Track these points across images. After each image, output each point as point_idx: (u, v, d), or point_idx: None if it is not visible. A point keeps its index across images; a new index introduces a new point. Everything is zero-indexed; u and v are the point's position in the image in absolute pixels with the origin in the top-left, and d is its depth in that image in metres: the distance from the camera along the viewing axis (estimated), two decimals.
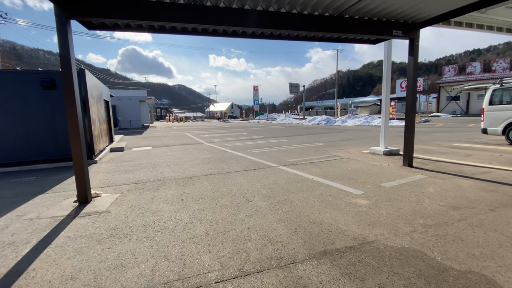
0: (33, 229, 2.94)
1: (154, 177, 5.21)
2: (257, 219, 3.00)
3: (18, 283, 1.99)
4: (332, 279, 1.90)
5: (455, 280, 1.86)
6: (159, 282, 1.92)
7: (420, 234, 2.55)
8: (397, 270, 1.98)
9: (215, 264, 2.13)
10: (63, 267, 2.16)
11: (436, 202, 3.39)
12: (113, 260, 2.23)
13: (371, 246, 2.34)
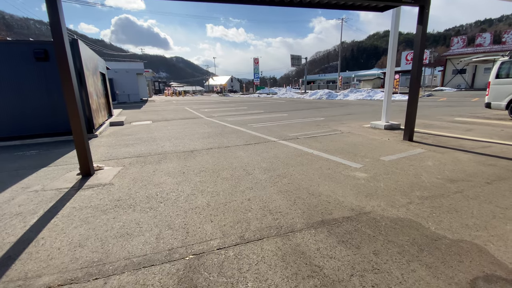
0: (39, 201, 3.02)
1: (155, 151, 5.24)
2: (257, 191, 3.06)
3: (28, 250, 2.08)
4: (329, 246, 1.98)
5: (447, 248, 1.94)
6: (163, 249, 2.01)
7: (416, 206, 2.61)
8: (391, 239, 2.06)
9: (217, 232, 2.22)
10: (71, 236, 2.25)
11: (434, 175, 3.44)
12: (119, 229, 2.31)
13: (367, 217, 2.41)
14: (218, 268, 1.78)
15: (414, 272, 1.70)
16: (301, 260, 1.84)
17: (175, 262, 1.86)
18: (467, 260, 1.80)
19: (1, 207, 2.88)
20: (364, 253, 1.90)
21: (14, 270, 1.84)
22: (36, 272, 1.80)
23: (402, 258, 1.84)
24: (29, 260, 1.94)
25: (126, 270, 1.79)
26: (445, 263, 1.77)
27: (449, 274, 1.67)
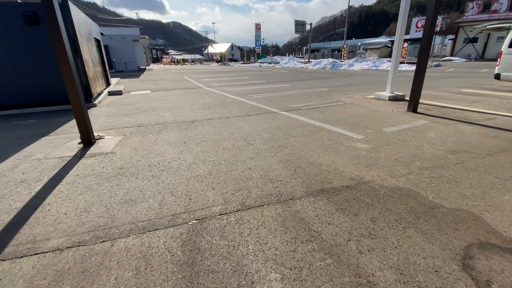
0: (43, 168, 3.06)
1: (155, 120, 5.19)
2: (258, 160, 3.08)
3: (35, 215, 2.14)
4: (328, 213, 2.03)
5: (443, 216, 1.99)
6: (167, 214, 2.07)
7: (416, 176, 2.63)
8: (389, 207, 2.11)
9: (218, 199, 2.27)
10: (76, 202, 2.31)
11: (436, 147, 3.42)
12: (123, 196, 2.37)
13: (366, 186, 2.44)
14: (220, 232, 1.84)
15: (410, 238, 1.76)
16: (300, 226, 1.90)
17: (178, 226, 1.92)
18: (463, 228, 1.85)
19: (6, 175, 2.93)
20: (362, 220, 1.95)
21: (22, 234, 1.91)
22: (44, 236, 1.88)
23: (399, 225, 1.89)
24: (37, 225, 2.01)
25: (132, 233, 1.86)
26: (440, 230, 1.83)
27: (443, 240, 1.73)
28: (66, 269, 1.57)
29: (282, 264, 1.56)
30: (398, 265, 1.53)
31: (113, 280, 1.47)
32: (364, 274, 1.48)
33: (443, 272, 1.48)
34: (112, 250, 1.71)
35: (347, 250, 1.65)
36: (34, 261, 1.64)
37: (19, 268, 1.58)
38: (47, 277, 1.51)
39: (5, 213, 2.18)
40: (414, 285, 1.40)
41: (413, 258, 1.59)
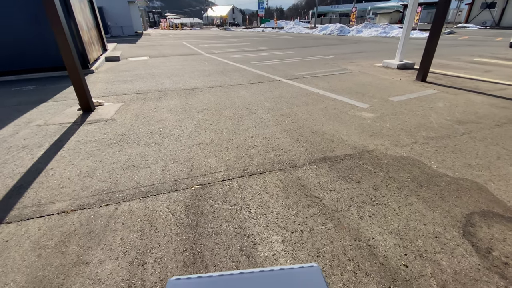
0: (43, 134, 3.03)
1: (154, 87, 5.05)
2: (260, 129, 3.03)
3: (39, 179, 2.16)
4: (329, 180, 2.03)
5: (446, 185, 1.98)
6: (170, 180, 2.07)
7: (421, 145, 2.59)
8: (392, 175, 2.10)
9: (221, 166, 2.26)
10: (79, 167, 2.31)
11: (443, 117, 3.33)
12: (125, 162, 2.36)
13: (370, 155, 2.41)
14: (222, 197, 1.86)
15: (411, 205, 1.76)
16: (301, 192, 1.90)
17: (181, 191, 1.94)
18: (465, 197, 1.85)
19: (7, 141, 2.91)
20: (364, 187, 1.95)
21: (27, 197, 1.93)
22: (49, 199, 1.90)
23: (401, 192, 1.89)
24: (41, 189, 2.03)
25: (135, 197, 1.88)
26: (442, 199, 1.83)
27: (445, 208, 1.74)
28: (72, 231, 1.60)
29: (284, 227, 1.58)
30: (398, 231, 1.55)
31: (119, 241, 1.51)
32: (364, 238, 1.50)
33: (443, 238, 1.50)
34: (116, 213, 1.74)
35: (348, 216, 1.67)
36: (40, 223, 1.67)
37: (25, 230, 1.62)
38: (53, 238, 1.55)
39: (8, 178, 2.19)
40: (413, 249, 1.43)
41: (414, 224, 1.60)
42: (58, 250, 1.47)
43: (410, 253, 1.40)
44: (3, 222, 1.69)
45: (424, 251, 1.41)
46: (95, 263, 1.37)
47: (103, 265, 1.36)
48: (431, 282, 1.25)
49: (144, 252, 1.43)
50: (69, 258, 1.41)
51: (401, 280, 1.26)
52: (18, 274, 1.32)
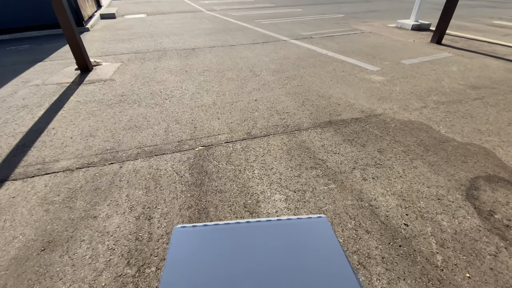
0: (42, 94, 2.96)
1: (153, 47, 4.81)
2: (265, 92, 2.92)
3: (42, 138, 2.15)
4: (334, 144, 2.00)
5: (453, 150, 1.94)
6: (173, 141, 2.05)
7: (430, 110, 2.50)
8: (398, 139, 2.05)
9: (224, 128, 2.22)
10: (81, 127, 2.29)
11: (456, 81, 3.18)
12: (127, 122, 2.33)
13: (377, 119, 2.35)
14: (226, 158, 1.85)
15: (416, 168, 1.75)
16: (305, 154, 1.88)
17: (185, 152, 1.93)
18: (472, 162, 1.82)
19: (6, 100, 2.86)
20: (369, 150, 1.92)
21: (31, 156, 1.94)
22: (53, 157, 1.91)
23: (406, 156, 1.86)
24: (44, 147, 2.03)
25: (139, 157, 1.88)
26: (448, 163, 1.80)
27: (450, 172, 1.72)
28: (78, 187, 1.63)
29: (287, 187, 1.59)
30: (401, 192, 1.56)
31: (125, 197, 1.54)
32: (367, 198, 1.51)
33: (446, 200, 1.51)
34: (121, 171, 1.75)
35: (351, 177, 1.67)
36: (45, 180, 1.70)
37: (31, 186, 1.65)
38: (60, 194, 1.58)
39: (10, 137, 2.18)
40: (415, 210, 1.44)
41: (417, 186, 1.60)
42: (66, 205, 1.50)
43: (411, 213, 1.42)
44: (9, 179, 1.72)
45: (426, 212, 1.43)
46: (103, 217, 1.41)
47: (110, 219, 1.40)
48: (430, 241, 1.28)
49: (150, 208, 1.46)
50: (77, 212, 1.45)
51: (400, 238, 1.29)
52: (27, 228, 1.37)
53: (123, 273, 1.14)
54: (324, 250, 0.48)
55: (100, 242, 1.28)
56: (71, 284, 1.10)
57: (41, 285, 1.10)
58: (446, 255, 1.21)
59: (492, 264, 1.18)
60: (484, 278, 1.12)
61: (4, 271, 1.15)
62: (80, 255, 1.22)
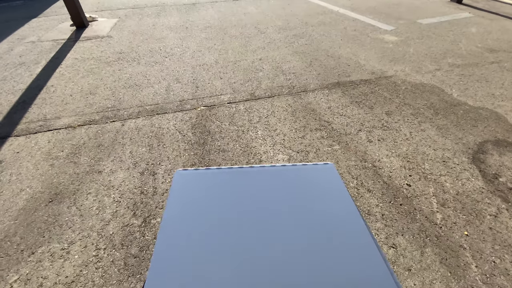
0: (39, 51, 2.85)
1: (151, 2, 4.50)
2: (270, 51, 2.77)
3: (41, 96, 2.10)
4: (341, 105, 1.93)
5: (464, 113, 1.87)
6: (174, 100, 2.00)
7: (444, 73, 2.38)
8: (408, 102, 1.98)
9: (226, 88, 2.15)
10: (80, 84, 2.22)
11: (474, 43, 2.97)
12: (126, 80, 2.25)
13: (387, 81, 2.24)
14: (229, 119, 1.81)
15: (424, 131, 1.70)
16: (310, 116, 1.84)
17: (187, 111, 1.88)
18: (482, 126, 1.77)
19: (3, 58, 2.76)
20: (376, 113, 1.86)
21: (31, 113, 1.91)
22: (54, 115, 1.88)
23: (415, 119, 1.81)
24: (44, 105, 1.99)
25: (141, 115, 1.85)
26: (457, 126, 1.75)
27: (458, 135, 1.68)
28: (81, 144, 1.63)
29: (290, 147, 1.58)
30: (406, 154, 1.53)
31: (128, 154, 1.54)
32: (371, 159, 1.50)
33: (451, 163, 1.49)
34: (123, 129, 1.73)
35: (357, 139, 1.64)
36: (48, 136, 1.69)
37: (34, 142, 1.65)
38: (64, 150, 1.59)
39: (10, 94, 2.14)
40: (419, 172, 1.43)
41: (423, 149, 1.57)
42: (70, 160, 1.51)
43: (415, 174, 1.41)
44: (12, 135, 1.72)
45: (430, 174, 1.42)
46: (107, 172, 1.43)
47: (115, 174, 1.42)
48: (432, 200, 1.28)
49: (154, 164, 1.47)
50: (81, 167, 1.47)
51: (402, 197, 1.30)
52: (34, 181, 1.39)
53: (130, 223, 1.18)
54: (331, 194, 0.46)
55: (106, 195, 1.30)
56: (80, 232, 1.14)
57: (51, 233, 1.15)
58: (446, 214, 1.23)
59: (491, 224, 1.19)
60: (482, 237, 1.14)
61: (14, 221, 1.20)
62: (87, 207, 1.25)
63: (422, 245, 1.11)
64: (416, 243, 1.11)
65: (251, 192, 0.46)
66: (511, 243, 1.12)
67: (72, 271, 1.01)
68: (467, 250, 1.09)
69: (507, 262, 1.06)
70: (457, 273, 1.02)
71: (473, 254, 1.08)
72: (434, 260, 1.06)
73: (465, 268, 1.03)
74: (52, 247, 1.09)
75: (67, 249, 1.09)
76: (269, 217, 0.41)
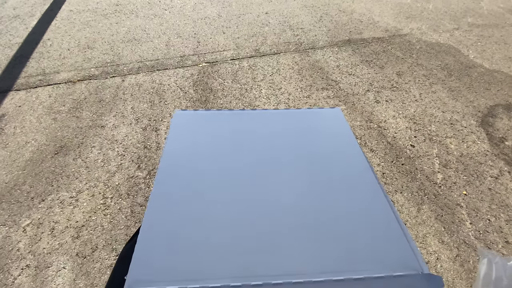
0: (32, 3, 2.68)
1: None
2: (277, 4, 2.58)
3: (38, 50, 2.03)
4: (350, 64, 1.84)
5: (478, 76, 1.79)
6: (175, 55, 1.92)
7: (463, 32, 2.22)
8: (421, 62, 1.88)
9: (230, 44, 2.04)
10: (77, 38, 2.13)
11: (496, 3, 2.73)
12: (125, 34, 2.14)
13: (402, 39, 2.11)
14: (232, 76, 1.75)
15: (434, 93, 1.64)
16: (317, 75, 1.76)
17: (188, 67, 1.82)
18: (495, 89, 1.69)
19: None
20: (387, 73, 1.78)
21: (30, 67, 1.86)
22: (53, 69, 1.83)
23: (426, 80, 1.73)
24: (42, 59, 1.93)
25: (141, 71, 1.79)
26: (470, 89, 1.68)
27: (470, 98, 1.62)
28: (82, 99, 1.60)
29: (294, 107, 1.54)
30: (413, 115, 1.50)
31: (130, 109, 1.52)
32: (376, 120, 1.47)
33: (459, 125, 1.45)
34: (123, 84, 1.69)
35: (364, 99, 1.59)
36: (49, 91, 1.66)
37: (35, 96, 1.62)
38: (65, 104, 1.57)
39: (7, 48, 2.06)
40: (424, 133, 1.41)
41: (431, 111, 1.53)
42: (73, 115, 1.50)
43: (420, 136, 1.39)
44: (12, 89, 1.69)
45: (435, 135, 1.39)
46: (110, 127, 1.43)
47: (118, 129, 1.42)
48: (434, 161, 1.28)
49: (156, 120, 1.46)
50: (84, 122, 1.46)
51: (404, 157, 1.30)
52: (38, 134, 1.40)
53: (135, 175, 1.21)
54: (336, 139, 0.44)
55: (110, 149, 1.32)
56: (87, 182, 1.18)
57: (59, 183, 1.18)
58: (447, 174, 1.23)
59: (491, 185, 1.20)
60: (481, 196, 1.16)
61: (22, 171, 1.23)
62: (93, 159, 1.27)
63: (419, 202, 1.13)
64: (414, 200, 1.13)
65: (253, 135, 0.45)
66: (508, 203, 1.14)
67: (82, 217, 1.07)
68: (463, 208, 1.11)
69: (501, 221, 1.08)
70: (451, 228, 1.05)
71: (469, 212, 1.10)
72: (430, 216, 1.09)
73: (459, 224, 1.07)
74: (61, 195, 1.14)
75: (76, 197, 1.13)
76: (270, 161, 0.39)
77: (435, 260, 0.96)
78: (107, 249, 0.97)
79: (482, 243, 1.01)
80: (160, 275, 0.24)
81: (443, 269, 0.94)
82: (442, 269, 0.94)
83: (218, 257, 0.26)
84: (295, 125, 0.48)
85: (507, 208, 1.12)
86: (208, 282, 0.23)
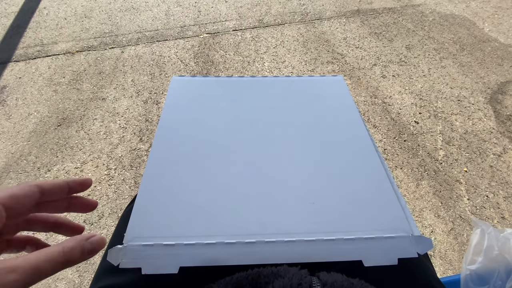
0: None
1: None
2: None
3: (35, 19, 1.96)
4: (358, 37, 1.77)
5: (492, 51, 1.70)
6: (175, 26, 1.85)
7: (480, 3, 2.08)
8: (433, 35, 1.79)
9: (232, 13, 1.95)
10: (73, 6, 2.05)
11: None
12: (122, 3, 2.06)
13: (414, 10, 1.99)
14: (234, 48, 1.70)
15: (444, 68, 1.58)
16: (323, 47, 1.70)
17: (189, 38, 1.76)
18: (508, 65, 1.62)
19: None
20: (396, 46, 1.71)
21: (28, 37, 1.81)
22: (50, 40, 1.78)
23: (437, 54, 1.66)
24: (39, 29, 1.87)
25: (140, 42, 1.74)
26: (481, 64, 1.61)
27: (480, 74, 1.56)
28: (82, 70, 1.58)
29: None
30: (420, 91, 1.46)
31: (130, 82, 1.50)
32: (381, 95, 1.43)
33: (466, 102, 1.42)
34: (123, 56, 1.65)
35: (370, 74, 1.54)
36: (48, 62, 1.63)
37: (35, 67, 1.60)
38: (65, 76, 1.55)
39: (3, 17, 2.00)
40: (430, 109, 1.38)
41: (439, 87, 1.48)
42: (73, 87, 1.49)
43: (425, 112, 1.37)
44: (11, 60, 1.66)
45: (441, 112, 1.37)
46: (111, 100, 1.42)
47: (119, 101, 1.41)
48: (437, 138, 1.27)
49: (157, 93, 1.44)
50: (85, 94, 1.45)
51: (407, 133, 1.28)
52: (40, 106, 1.40)
53: (137, 147, 1.22)
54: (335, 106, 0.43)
55: (112, 122, 1.32)
56: (90, 154, 1.20)
57: (63, 154, 1.20)
58: (449, 151, 1.22)
59: (493, 163, 1.19)
60: (481, 174, 1.16)
61: (27, 142, 1.25)
62: (95, 131, 1.28)
63: (419, 178, 1.14)
64: (414, 176, 1.14)
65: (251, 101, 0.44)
66: (508, 180, 1.14)
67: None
68: (462, 185, 1.12)
69: (500, 197, 1.09)
70: (448, 203, 1.07)
71: (467, 188, 1.11)
72: (428, 191, 1.10)
73: (457, 200, 1.08)
74: (66, 165, 1.16)
75: (80, 168, 1.16)
76: (269, 128, 0.39)
77: (430, 233, 0.99)
78: (113, 217, 1.01)
79: (478, 218, 1.03)
80: (156, 232, 0.25)
81: (437, 241, 0.97)
82: (436, 241, 0.97)
83: (214, 216, 0.27)
84: (295, 92, 0.47)
85: (506, 185, 1.12)
86: (203, 239, 0.24)
